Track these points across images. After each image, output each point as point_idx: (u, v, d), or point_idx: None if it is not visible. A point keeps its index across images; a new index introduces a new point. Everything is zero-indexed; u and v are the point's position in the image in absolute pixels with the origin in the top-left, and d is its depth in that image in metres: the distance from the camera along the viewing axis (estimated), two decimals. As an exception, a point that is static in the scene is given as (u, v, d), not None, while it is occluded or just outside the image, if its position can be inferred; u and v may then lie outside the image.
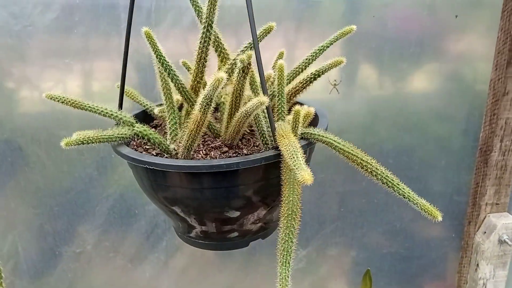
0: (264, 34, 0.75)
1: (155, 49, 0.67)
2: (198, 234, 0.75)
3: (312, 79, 0.77)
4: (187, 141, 0.65)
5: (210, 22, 0.64)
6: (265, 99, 0.59)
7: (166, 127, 0.75)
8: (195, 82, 0.73)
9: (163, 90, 0.73)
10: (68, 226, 1.25)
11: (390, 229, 1.36)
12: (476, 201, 1.32)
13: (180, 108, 0.79)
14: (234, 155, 0.70)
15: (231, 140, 0.71)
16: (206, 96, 0.59)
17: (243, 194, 0.68)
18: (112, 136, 0.66)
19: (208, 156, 0.69)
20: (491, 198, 1.29)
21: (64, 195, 1.21)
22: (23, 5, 1.04)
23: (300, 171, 0.50)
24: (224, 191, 0.67)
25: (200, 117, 0.61)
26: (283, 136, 0.60)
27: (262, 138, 0.68)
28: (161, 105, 0.80)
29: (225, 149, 0.71)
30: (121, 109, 0.78)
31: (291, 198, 0.59)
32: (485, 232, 1.30)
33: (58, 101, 0.66)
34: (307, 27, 1.16)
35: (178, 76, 0.71)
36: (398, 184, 0.61)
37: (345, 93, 1.22)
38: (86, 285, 1.32)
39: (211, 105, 0.61)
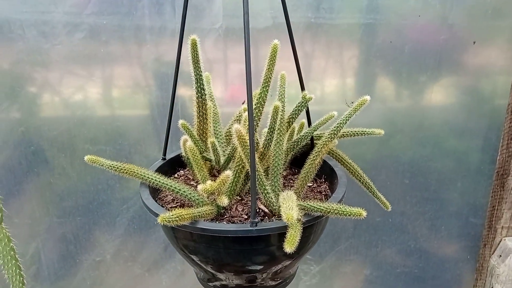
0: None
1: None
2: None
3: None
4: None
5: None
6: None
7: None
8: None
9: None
10: (89, 235, 1.29)
11: (405, 248, 1.37)
12: (492, 224, 1.31)
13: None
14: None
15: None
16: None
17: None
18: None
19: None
20: (507, 222, 1.29)
21: (87, 206, 1.25)
22: (53, 24, 1.08)
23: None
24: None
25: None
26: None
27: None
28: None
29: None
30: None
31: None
32: (500, 256, 1.30)
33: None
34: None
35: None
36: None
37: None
38: (105, 292, 1.37)
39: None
